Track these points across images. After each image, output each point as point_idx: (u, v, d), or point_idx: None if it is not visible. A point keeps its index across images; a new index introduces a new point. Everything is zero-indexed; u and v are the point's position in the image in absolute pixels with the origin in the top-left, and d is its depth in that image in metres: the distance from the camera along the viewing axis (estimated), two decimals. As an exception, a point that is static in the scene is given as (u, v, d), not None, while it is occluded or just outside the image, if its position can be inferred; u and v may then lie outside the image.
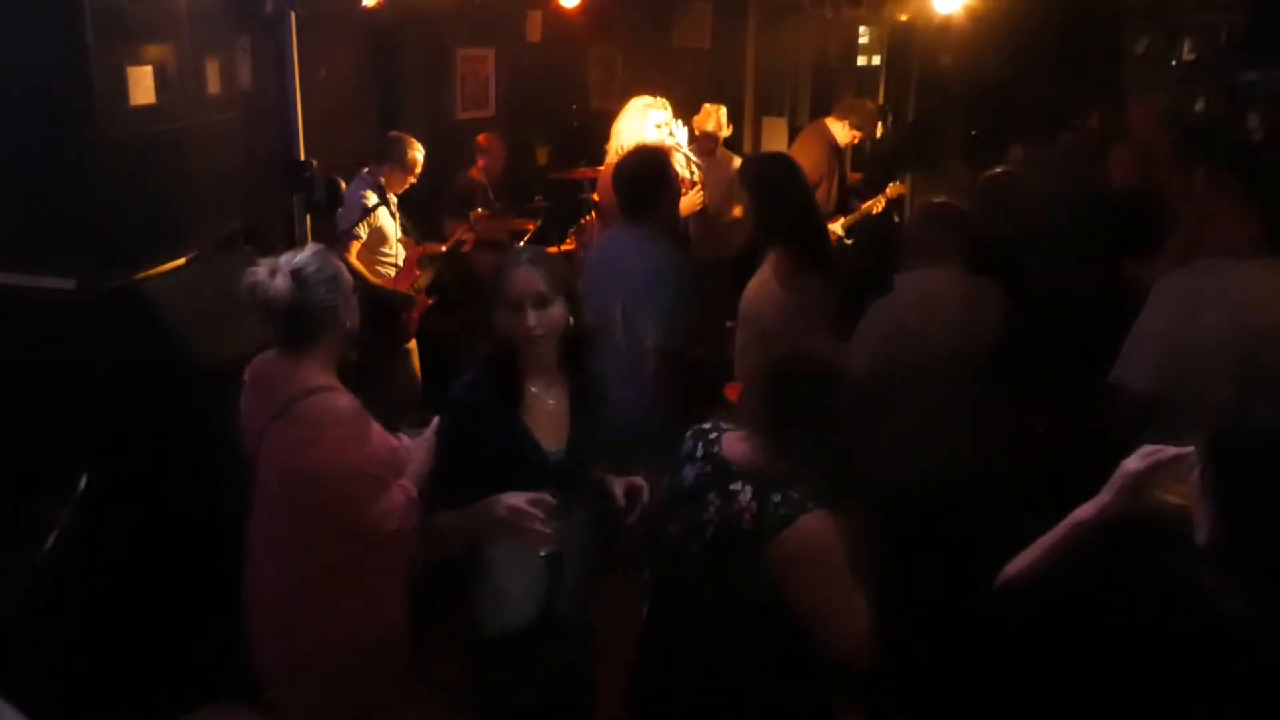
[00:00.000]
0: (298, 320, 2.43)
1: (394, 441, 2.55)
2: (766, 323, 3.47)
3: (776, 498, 2.15)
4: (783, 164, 3.94)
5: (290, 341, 2.49)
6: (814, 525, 2.13)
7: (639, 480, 2.46)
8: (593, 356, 2.53)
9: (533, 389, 2.43)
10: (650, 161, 3.66)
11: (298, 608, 2.52)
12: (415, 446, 2.54)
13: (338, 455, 2.38)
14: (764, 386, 2.28)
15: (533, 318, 2.32)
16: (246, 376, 2.60)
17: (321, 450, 2.38)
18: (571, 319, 2.40)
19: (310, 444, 2.40)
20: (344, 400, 2.45)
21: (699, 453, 2.34)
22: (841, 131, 6.10)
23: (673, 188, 3.60)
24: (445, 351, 5.35)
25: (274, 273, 2.41)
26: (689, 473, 2.32)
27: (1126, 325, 2.86)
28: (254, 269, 2.44)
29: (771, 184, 3.66)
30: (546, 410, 2.45)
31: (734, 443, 2.31)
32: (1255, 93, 5.42)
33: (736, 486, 2.20)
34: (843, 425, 2.21)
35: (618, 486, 2.47)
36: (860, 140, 6.43)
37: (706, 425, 2.41)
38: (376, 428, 2.49)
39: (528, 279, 2.33)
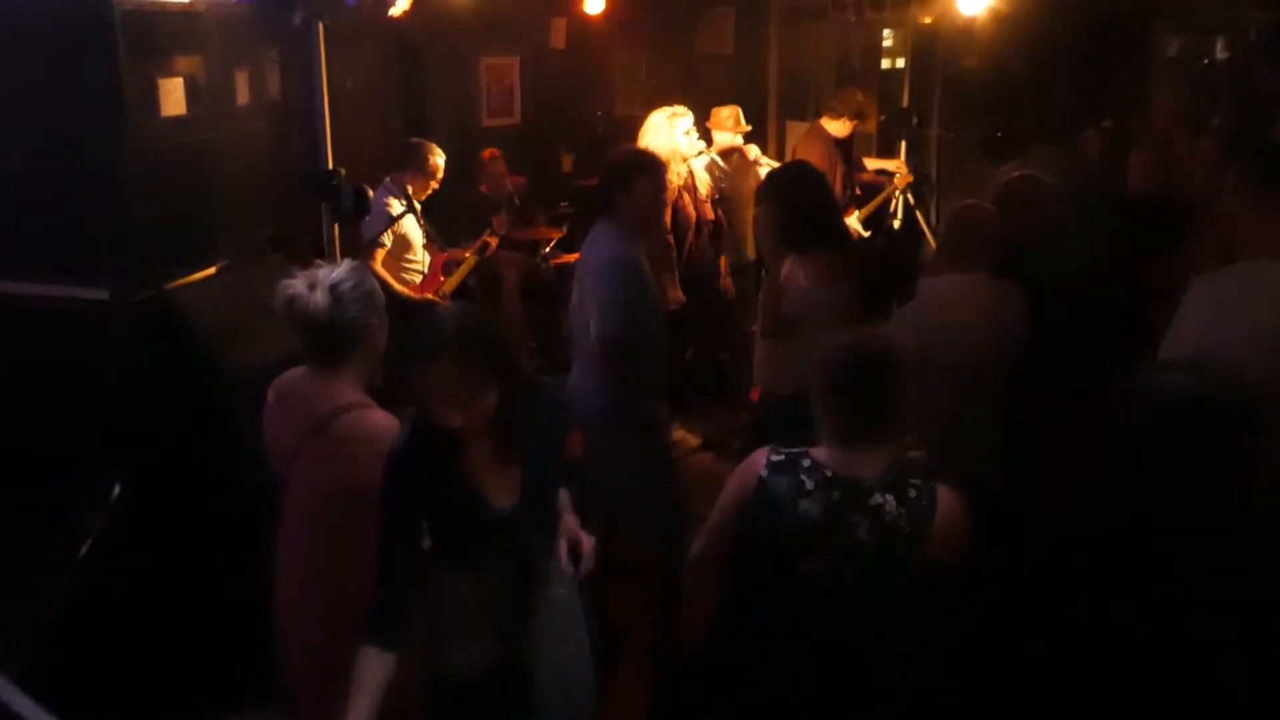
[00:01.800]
0: (333, 336, 2.41)
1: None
2: (809, 324, 3.44)
3: (911, 493, 2.21)
4: (807, 171, 3.95)
5: (322, 357, 2.46)
6: (949, 497, 2.23)
7: (582, 537, 2.21)
8: (545, 405, 2.32)
9: (475, 445, 2.22)
10: (620, 161, 3.65)
11: (328, 622, 2.49)
12: None
13: (377, 472, 2.34)
14: (841, 393, 2.26)
15: (458, 417, 2.08)
16: (270, 394, 2.58)
17: (361, 467, 2.34)
18: (511, 384, 2.14)
19: (349, 461, 2.38)
20: (380, 417, 2.43)
21: (810, 485, 2.25)
22: (836, 126, 6.13)
23: (636, 190, 3.54)
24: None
25: (313, 286, 2.38)
26: (812, 507, 2.23)
27: (1153, 326, 2.83)
28: (292, 281, 2.41)
29: (798, 190, 3.66)
30: (493, 466, 2.23)
31: (841, 460, 2.26)
32: (1284, 92, 5.35)
33: (877, 500, 2.21)
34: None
35: (562, 544, 2.19)
36: (857, 127, 6.43)
37: (780, 457, 2.31)
38: None
39: (446, 380, 2.05)
